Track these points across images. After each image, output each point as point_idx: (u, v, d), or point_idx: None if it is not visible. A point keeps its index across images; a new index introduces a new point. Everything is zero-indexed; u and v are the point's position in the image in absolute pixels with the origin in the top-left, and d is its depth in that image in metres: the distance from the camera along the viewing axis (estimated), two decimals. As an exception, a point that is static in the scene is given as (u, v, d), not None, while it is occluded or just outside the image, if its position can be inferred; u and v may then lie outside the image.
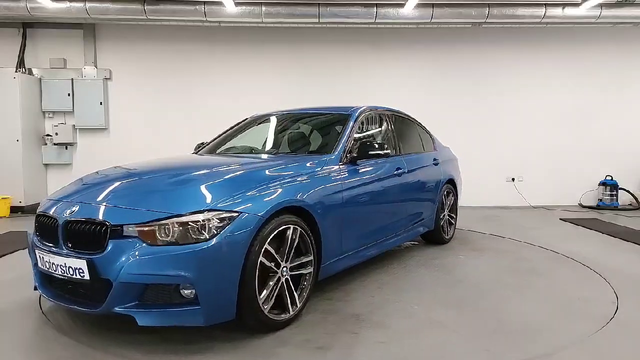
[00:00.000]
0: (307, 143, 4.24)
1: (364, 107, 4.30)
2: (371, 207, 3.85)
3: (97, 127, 8.06)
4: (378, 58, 8.24)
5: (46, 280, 2.89)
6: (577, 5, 7.01)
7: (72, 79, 7.90)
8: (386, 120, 4.60)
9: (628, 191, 8.19)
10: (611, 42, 8.26)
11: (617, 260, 4.59)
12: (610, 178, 8.19)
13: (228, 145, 4.43)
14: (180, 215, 2.50)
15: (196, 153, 4.43)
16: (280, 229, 2.80)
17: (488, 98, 8.35)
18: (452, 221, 5.49)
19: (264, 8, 7.02)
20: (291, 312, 2.90)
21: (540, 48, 8.27)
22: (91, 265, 2.50)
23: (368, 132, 4.28)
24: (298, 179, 3.11)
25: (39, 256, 2.79)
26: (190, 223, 2.48)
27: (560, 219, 7.04)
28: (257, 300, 2.65)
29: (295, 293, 2.94)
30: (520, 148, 8.39)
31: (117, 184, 3.05)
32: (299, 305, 2.97)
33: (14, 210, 7.39)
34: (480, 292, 3.64)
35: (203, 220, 2.50)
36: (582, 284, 3.88)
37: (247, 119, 4.78)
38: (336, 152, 3.62)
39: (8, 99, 7.36)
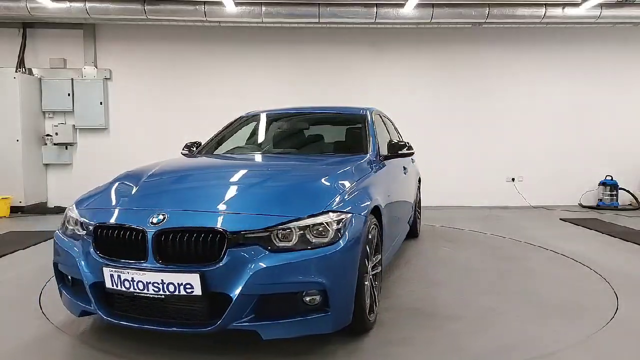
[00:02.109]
0: (334, 143, 4.20)
1: (372, 108, 4.46)
2: (397, 203, 3.94)
3: (97, 127, 8.06)
4: (378, 58, 8.24)
5: (119, 302, 2.44)
6: (577, 5, 7.01)
7: (72, 79, 7.91)
8: (383, 120, 4.72)
9: (628, 191, 8.19)
10: (611, 42, 8.26)
11: (617, 260, 4.59)
12: (610, 178, 8.19)
13: (241, 144, 4.34)
14: (300, 219, 2.36)
15: (198, 153, 4.16)
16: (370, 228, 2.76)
17: (488, 98, 8.34)
18: (420, 217, 5.76)
19: (264, 8, 7.02)
20: (375, 312, 2.89)
21: (540, 48, 8.27)
22: (204, 279, 2.23)
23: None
24: (366, 180, 3.08)
25: (110, 275, 2.35)
26: (311, 226, 2.36)
27: (560, 219, 7.04)
28: (364, 301, 2.63)
29: (375, 292, 2.91)
30: (520, 148, 8.39)
31: (195, 188, 2.88)
32: (378, 305, 2.97)
33: (14, 210, 7.39)
34: (480, 292, 3.65)
35: (325, 223, 2.38)
36: (582, 284, 3.88)
37: (246, 117, 4.61)
38: (372, 152, 3.69)
39: (8, 99, 7.36)
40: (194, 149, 4.20)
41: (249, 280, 2.22)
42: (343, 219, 2.45)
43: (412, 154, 3.96)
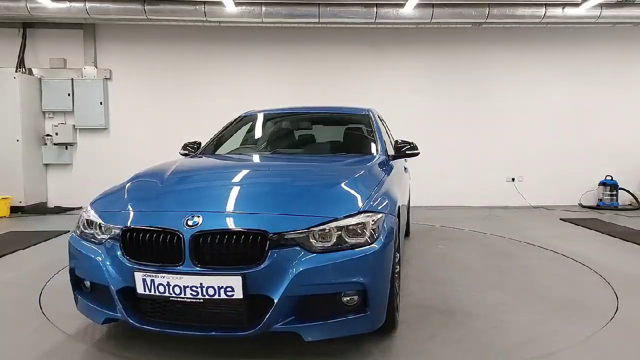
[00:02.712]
0: (343, 143, 4.20)
1: (372, 108, 4.50)
2: (404, 203, 3.98)
3: (97, 127, 8.06)
4: (378, 58, 8.23)
5: (150, 308, 2.36)
6: (577, 5, 7.01)
7: (72, 79, 7.90)
8: (381, 120, 4.73)
9: (628, 191, 8.19)
10: (611, 42, 8.26)
11: (617, 260, 4.59)
12: (610, 178, 8.19)
13: (246, 144, 4.30)
14: (337, 219, 2.34)
15: (204, 153, 4.05)
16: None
17: (488, 98, 8.34)
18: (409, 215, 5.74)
19: (264, 8, 7.02)
20: (399, 310, 2.91)
21: (540, 48, 8.26)
22: (245, 282, 2.18)
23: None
24: (387, 180, 3.08)
25: (142, 280, 2.26)
26: (348, 227, 2.34)
27: (560, 219, 7.04)
28: (396, 300, 2.64)
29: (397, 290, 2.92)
30: (520, 148, 8.39)
31: (225, 188, 2.81)
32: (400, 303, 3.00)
33: (14, 210, 7.39)
34: (485, 289, 3.65)
35: (362, 223, 2.38)
36: (582, 284, 3.88)
37: (247, 117, 4.57)
38: (381, 152, 3.74)
39: (8, 99, 7.36)
40: (194, 149, 4.11)
41: (291, 282, 2.20)
42: (378, 219, 2.45)
43: (418, 153, 3.94)
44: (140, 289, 2.28)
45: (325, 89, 8.11)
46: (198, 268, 2.22)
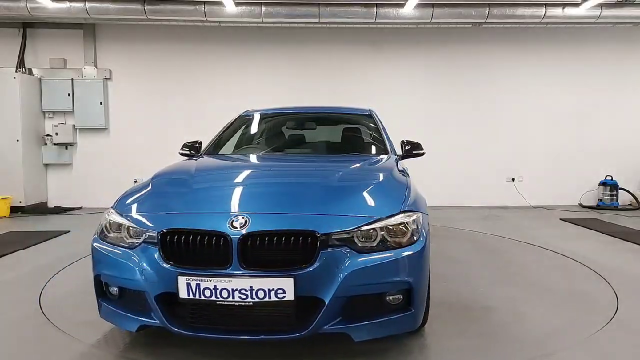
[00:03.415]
0: (353, 143, 4.21)
1: (372, 108, 4.54)
2: None
3: (97, 127, 8.06)
4: (378, 58, 8.23)
5: (193, 313, 2.28)
6: (577, 5, 7.00)
7: (72, 79, 7.90)
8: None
9: (628, 191, 8.19)
10: (611, 42, 8.26)
11: (617, 260, 4.59)
12: (610, 178, 8.19)
13: (253, 144, 4.26)
14: (381, 219, 2.35)
15: (209, 154, 3.93)
16: None
17: (488, 98, 8.34)
18: None
19: (264, 8, 7.02)
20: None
21: (540, 48, 8.26)
22: (296, 283, 2.16)
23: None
24: (409, 179, 3.08)
25: (186, 284, 2.19)
26: (391, 226, 2.36)
27: (560, 219, 7.03)
28: (429, 299, 2.66)
29: None
30: (520, 148, 8.39)
31: (262, 189, 2.78)
32: None
33: (14, 210, 7.39)
34: (486, 288, 3.65)
35: (404, 223, 2.39)
36: (582, 284, 3.88)
37: (250, 116, 4.52)
38: (392, 151, 3.79)
39: (8, 99, 7.36)
40: (195, 148, 4.02)
41: (342, 283, 2.19)
42: (417, 218, 2.47)
43: (424, 153, 3.96)
44: (183, 294, 2.20)
45: (325, 89, 8.11)
46: (247, 270, 2.18)
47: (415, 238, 2.39)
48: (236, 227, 2.21)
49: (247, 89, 8.08)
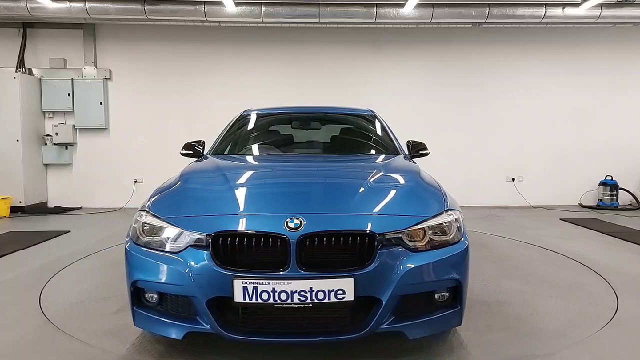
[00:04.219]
0: (364, 142, 4.23)
1: (371, 108, 4.58)
2: None
3: (97, 127, 8.06)
4: (378, 58, 8.24)
5: (246, 317, 2.24)
6: (577, 5, 7.01)
7: (72, 79, 7.90)
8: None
9: (628, 191, 8.19)
10: (611, 42, 8.26)
11: (617, 260, 4.59)
12: (610, 178, 8.19)
13: (263, 144, 4.20)
14: (429, 219, 2.39)
15: (218, 153, 3.86)
16: None
17: (488, 98, 8.34)
18: None
19: (264, 8, 7.02)
20: None
21: (540, 48, 8.26)
22: (356, 283, 2.15)
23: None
24: (434, 178, 3.14)
25: (243, 287, 2.14)
26: (438, 225, 2.40)
27: (560, 219, 7.04)
28: None
29: None
30: (520, 148, 8.39)
31: (308, 189, 2.75)
32: None
33: (14, 210, 7.38)
34: (479, 292, 3.65)
35: (450, 221, 2.45)
36: (582, 283, 3.88)
37: (249, 115, 4.45)
38: (401, 150, 3.85)
39: (8, 99, 7.36)
40: (199, 148, 3.94)
41: (399, 282, 2.21)
42: (458, 217, 2.54)
43: (429, 153, 3.99)
44: (238, 298, 2.15)
45: (325, 89, 8.11)
46: (306, 272, 2.15)
47: (459, 236, 2.46)
48: (292, 228, 2.19)
49: (247, 88, 8.08)
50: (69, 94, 7.89)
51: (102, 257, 4.74)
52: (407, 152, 3.97)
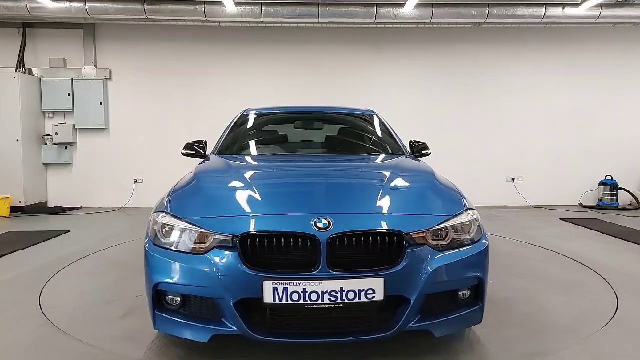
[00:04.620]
0: (368, 143, 4.23)
1: (370, 109, 4.61)
2: None
3: (97, 127, 8.06)
4: (378, 58, 8.24)
5: (274, 318, 2.22)
6: (577, 5, 7.01)
7: (72, 79, 7.90)
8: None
9: (628, 191, 8.19)
10: (611, 42, 8.26)
11: (617, 260, 4.59)
12: (610, 178, 8.19)
13: (268, 144, 4.19)
14: (451, 218, 2.43)
15: (224, 154, 3.78)
16: None
17: (488, 98, 8.35)
18: None
19: (264, 8, 7.02)
20: None
21: (540, 48, 8.26)
22: (386, 283, 2.17)
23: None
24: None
25: (273, 289, 2.13)
26: (459, 224, 2.43)
27: (560, 219, 7.03)
28: None
29: None
30: (520, 148, 8.39)
31: (324, 189, 2.74)
32: None
33: (14, 210, 7.38)
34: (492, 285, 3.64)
35: (471, 220, 2.49)
36: (581, 284, 3.88)
37: (251, 115, 4.40)
38: (406, 151, 3.89)
39: (8, 99, 7.36)
40: (201, 148, 3.89)
41: (427, 281, 2.23)
42: (477, 216, 2.57)
43: (430, 154, 4.01)
44: (268, 299, 2.14)
45: (325, 88, 8.11)
46: (336, 272, 2.15)
47: (479, 235, 2.49)
48: (321, 229, 2.18)
49: (247, 88, 8.09)
50: (69, 94, 7.89)
51: (102, 258, 4.74)
52: (410, 152, 3.99)
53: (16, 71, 7.58)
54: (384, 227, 2.25)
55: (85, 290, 3.70)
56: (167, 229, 2.38)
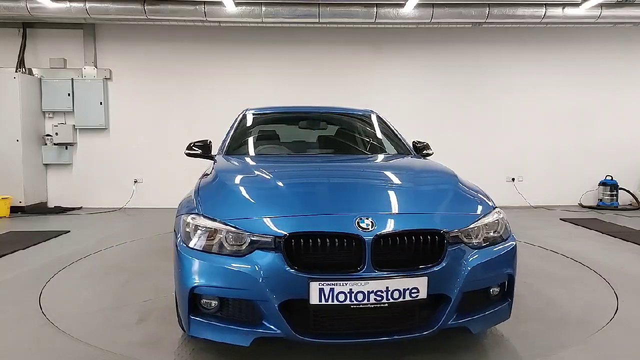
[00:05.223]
0: (374, 143, 4.25)
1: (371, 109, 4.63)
2: None
3: (97, 127, 8.05)
4: (378, 58, 8.24)
5: (319, 318, 2.19)
6: (577, 5, 7.00)
7: (72, 79, 7.90)
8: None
9: (628, 191, 8.19)
10: (611, 42, 8.26)
11: (617, 260, 4.59)
12: (610, 178, 8.19)
13: (275, 145, 4.17)
14: (483, 217, 2.49)
15: (232, 154, 3.74)
16: None
17: (488, 98, 8.35)
18: None
19: (264, 8, 7.02)
20: None
21: (540, 48, 8.26)
22: (429, 281, 2.19)
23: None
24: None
25: (319, 289, 2.11)
26: (490, 222, 2.49)
27: (560, 219, 7.04)
28: None
29: None
30: (520, 148, 8.39)
31: (369, 189, 2.75)
32: None
33: (14, 210, 7.38)
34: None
35: (497, 220, 2.54)
36: (582, 283, 3.88)
37: (254, 114, 4.38)
38: (412, 151, 3.91)
39: (8, 99, 7.36)
40: (206, 148, 3.82)
41: (466, 278, 2.27)
42: (504, 215, 2.64)
43: (432, 153, 4.03)
44: (314, 300, 2.12)
45: (325, 88, 8.11)
46: (381, 272, 2.16)
47: (507, 233, 2.56)
48: (364, 229, 2.19)
49: (247, 88, 8.08)
50: (69, 94, 7.89)
51: (103, 258, 4.74)
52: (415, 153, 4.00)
53: (16, 71, 7.58)
54: (426, 226, 2.28)
55: (87, 292, 3.70)
56: (201, 230, 2.32)
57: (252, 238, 2.21)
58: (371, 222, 2.21)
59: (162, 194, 8.06)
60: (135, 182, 8.14)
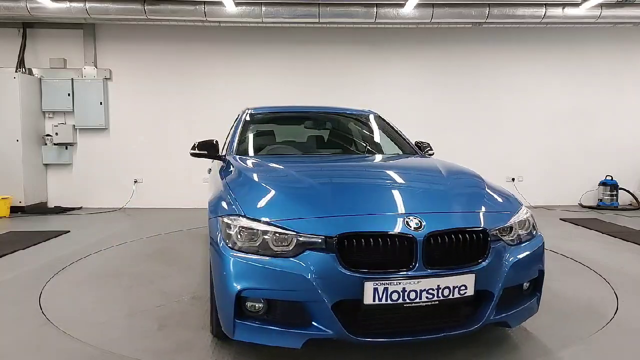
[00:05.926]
0: (381, 143, 4.28)
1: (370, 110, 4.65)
2: None
3: (97, 127, 8.05)
4: (378, 58, 8.23)
5: (371, 318, 2.22)
6: (577, 5, 7.00)
7: (72, 79, 7.90)
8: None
9: (628, 191, 8.19)
10: (611, 42, 8.26)
11: (617, 260, 4.59)
12: (610, 178, 8.19)
13: (275, 145, 4.13)
14: (514, 215, 2.54)
15: (241, 154, 3.72)
16: None
17: (488, 98, 8.35)
18: None
19: (264, 8, 7.02)
20: None
21: (540, 48, 8.26)
22: (477, 278, 2.24)
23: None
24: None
25: (374, 289, 2.11)
26: (521, 220, 2.55)
27: (560, 219, 7.04)
28: None
29: None
30: (520, 148, 8.40)
31: (399, 189, 2.76)
32: None
33: (14, 210, 7.38)
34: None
35: (526, 217, 2.60)
36: (581, 283, 3.88)
37: (255, 114, 4.33)
38: (417, 150, 3.95)
39: (8, 99, 7.36)
40: (214, 148, 3.71)
41: (507, 275, 2.33)
42: (530, 212, 2.69)
43: (434, 154, 4.07)
44: (368, 300, 2.12)
45: (325, 89, 8.11)
46: (432, 270, 2.19)
47: (535, 229, 2.63)
48: (414, 228, 2.22)
49: (247, 88, 8.08)
50: (69, 94, 7.89)
51: (103, 258, 4.75)
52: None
53: (16, 71, 7.58)
54: (472, 224, 2.34)
55: (88, 293, 3.70)
56: (246, 232, 2.25)
57: (300, 239, 2.18)
58: (419, 221, 2.25)
59: (162, 194, 8.06)
60: (135, 182, 8.14)
